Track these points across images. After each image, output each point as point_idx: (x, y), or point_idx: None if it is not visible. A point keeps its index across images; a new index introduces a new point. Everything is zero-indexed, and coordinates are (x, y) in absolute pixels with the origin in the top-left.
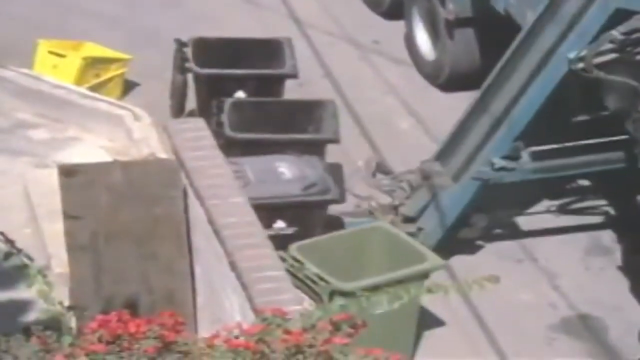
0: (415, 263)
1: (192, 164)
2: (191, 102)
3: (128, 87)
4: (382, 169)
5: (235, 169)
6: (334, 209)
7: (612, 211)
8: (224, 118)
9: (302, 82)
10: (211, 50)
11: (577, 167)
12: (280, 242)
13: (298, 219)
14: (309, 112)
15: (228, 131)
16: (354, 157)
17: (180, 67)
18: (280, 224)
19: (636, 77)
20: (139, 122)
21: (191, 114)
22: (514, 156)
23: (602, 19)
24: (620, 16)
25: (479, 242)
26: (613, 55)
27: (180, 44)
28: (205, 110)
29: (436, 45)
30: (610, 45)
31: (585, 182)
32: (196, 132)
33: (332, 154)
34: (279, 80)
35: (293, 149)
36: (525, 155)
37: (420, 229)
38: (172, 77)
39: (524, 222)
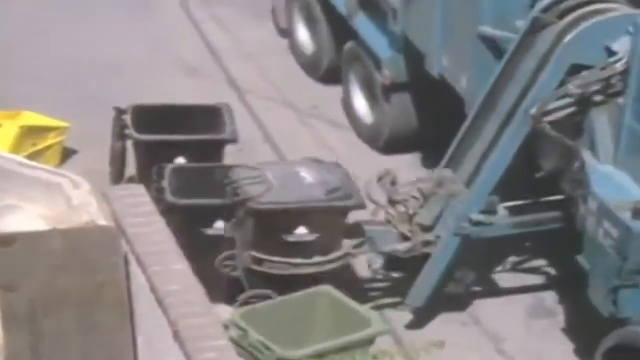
0: (360, 328)
1: (133, 231)
2: (131, 169)
3: (66, 154)
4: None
5: (256, 174)
6: (351, 217)
7: (553, 271)
8: (165, 184)
9: (242, 147)
10: (150, 117)
11: (554, 221)
12: (302, 249)
13: (321, 225)
14: None
15: (169, 197)
16: None
17: (119, 133)
18: (302, 230)
19: (576, 135)
20: (78, 190)
21: (131, 180)
22: (490, 211)
23: (559, 75)
24: (577, 71)
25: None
26: (571, 110)
27: (119, 111)
28: (145, 177)
29: (374, 109)
30: (568, 100)
31: (527, 242)
32: (136, 198)
33: None
34: (219, 145)
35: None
36: (502, 209)
37: (438, 237)
38: (111, 144)
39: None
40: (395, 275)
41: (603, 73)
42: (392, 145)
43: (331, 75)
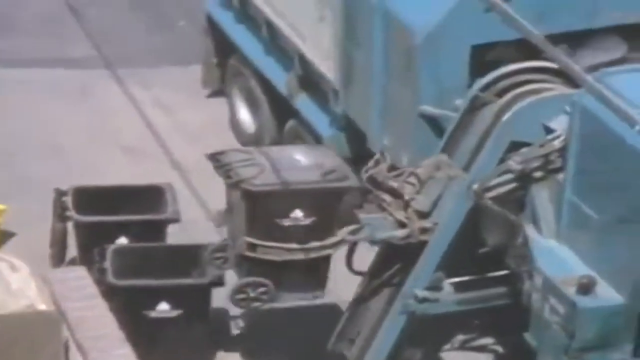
0: None
1: (74, 315)
2: (72, 251)
3: (5, 237)
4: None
5: (248, 156)
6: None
7: (502, 349)
8: (107, 265)
9: (184, 227)
10: (92, 199)
11: (500, 298)
12: (297, 234)
13: (316, 208)
14: (192, 256)
15: (111, 278)
16: None
17: (60, 215)
18: (297, 214)
19: (519, 210)
20: (17, 273)
21: (72, 262)
22: (436, 287)
23: (499, 152)
24: (517, 148)
25: None
26: (512, 185)
27: (60, 193)
28: (86, 259)
29: None
30: (509, 176)
31: (475, 319)
32: (78, 281)
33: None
34: (162, 225)
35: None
36: (447, 286)
37: (436, 224)
38: (51, 225)
39: None
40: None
41: (542, 150)
42: None
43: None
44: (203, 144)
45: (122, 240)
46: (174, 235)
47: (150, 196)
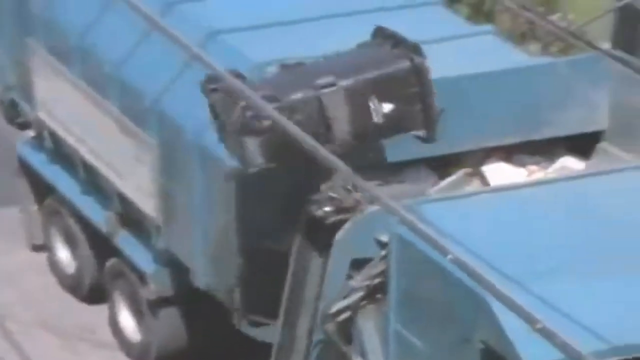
0: None
1: None
2: None
3: None
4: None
5: None
6: None
7: None
8: None
9: None
10: None
11: None
12: None
13: None
14: None
15: None
16: None
17: None
18: None
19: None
20: None
21: None
22: None
23: (342, 272)
24: (359, 266)
25: None
26: (363, 302)
27: None
28: None
29: (141, 325)
30: (357, 295)
31: None
32: None
33: None
34: None
35: None
36: None
37: None
38: None
39: None
40: None
41: (382, 265)
42: None
43: (96, 294)
44: (21, 287)
45: None
46: None
47: None
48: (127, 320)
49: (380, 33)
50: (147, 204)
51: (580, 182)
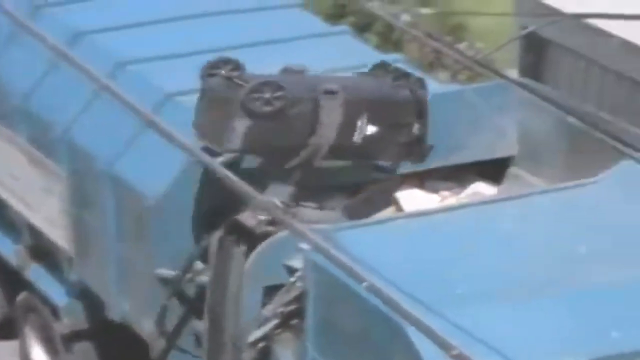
0: None
1: None
2: None
3: None
4: None
5: None
6: None
7: None
8: None
9: None
10: None
11: None
12: None
13: None
14: None
15: None
16: None
17: None
18: None
19: None
20: None
21: None
22: None
23: (257, 299)
24: (272, 293)
25: None
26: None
27: None
28: None
29: None
30: (273, 322)
31: None
32: None
33: None
34: None
35: None
36: None
37: None
38: None
39: None
40: None
41: (292, 293)
42: None
43: (6, 330)
44: None
45: None
46: None
47: None
48: (39, 356)
49: (382, 66)
50: (59, 236)
51: (491, 207)
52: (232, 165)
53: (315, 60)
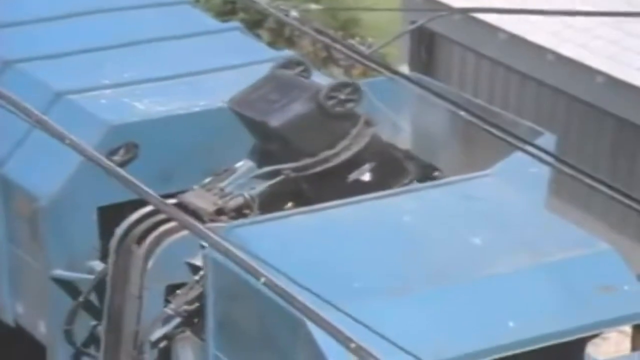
0: None
1: None
2: None
3: None
4: None
5: None
6: None
7: None
8: None
9: None
10: None
11: None
12: None
13: None
14: None
15: None
16: None
17: None
18: None
19: None
20: None
21: None
22: None
23: (159, 298)
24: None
25: None
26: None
27: None
28: None
29: None
30: (176, 321)
31: None
32: None
33: None
34: None
35: None
36: None
37: None
38: None
39: None
40: None
41: (195, 291)
42: None
43: None
44: None
45: None
46: None
47: None
48: None
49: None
50: None
51: (388, 201)
52: None
53: (206, 58)
